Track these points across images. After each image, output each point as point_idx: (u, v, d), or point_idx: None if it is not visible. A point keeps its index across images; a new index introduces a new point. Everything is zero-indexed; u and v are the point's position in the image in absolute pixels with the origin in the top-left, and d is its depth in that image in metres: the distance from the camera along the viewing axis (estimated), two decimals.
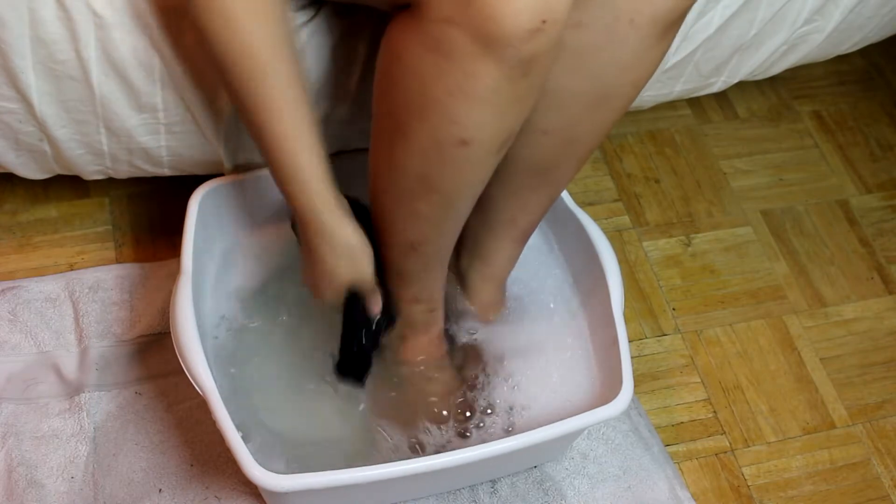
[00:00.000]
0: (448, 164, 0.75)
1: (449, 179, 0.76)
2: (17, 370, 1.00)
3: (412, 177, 0.77)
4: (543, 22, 0.65)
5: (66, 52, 0.86)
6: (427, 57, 0.68)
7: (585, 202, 1.23)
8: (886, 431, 1.10)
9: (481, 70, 0.67)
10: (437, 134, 0.72)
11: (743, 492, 1.03)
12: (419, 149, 0.74)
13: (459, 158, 0.74)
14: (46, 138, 0.94)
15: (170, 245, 1.11)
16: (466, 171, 0.76)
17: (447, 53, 0.67)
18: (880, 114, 1.40)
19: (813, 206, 1.29)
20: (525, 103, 0.72)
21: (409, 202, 0.80)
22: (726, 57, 1.13)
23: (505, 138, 0.74)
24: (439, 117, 0.71)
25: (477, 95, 0.69)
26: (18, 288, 1.06)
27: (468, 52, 0.66)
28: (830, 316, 1.18)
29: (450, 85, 0.69)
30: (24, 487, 0.93)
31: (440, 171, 0.76)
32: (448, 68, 0.68)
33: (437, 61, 0.68)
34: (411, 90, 0.71)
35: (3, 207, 1.14)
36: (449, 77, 0.68)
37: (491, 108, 0.70)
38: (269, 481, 0.80)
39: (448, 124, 0.71)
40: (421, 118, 0.72)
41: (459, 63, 0.67)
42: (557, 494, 0.99)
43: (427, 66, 0.69)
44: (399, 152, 0.76)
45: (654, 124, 1.34)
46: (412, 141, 0.74)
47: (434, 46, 0.67)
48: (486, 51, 0.66)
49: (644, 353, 1.12)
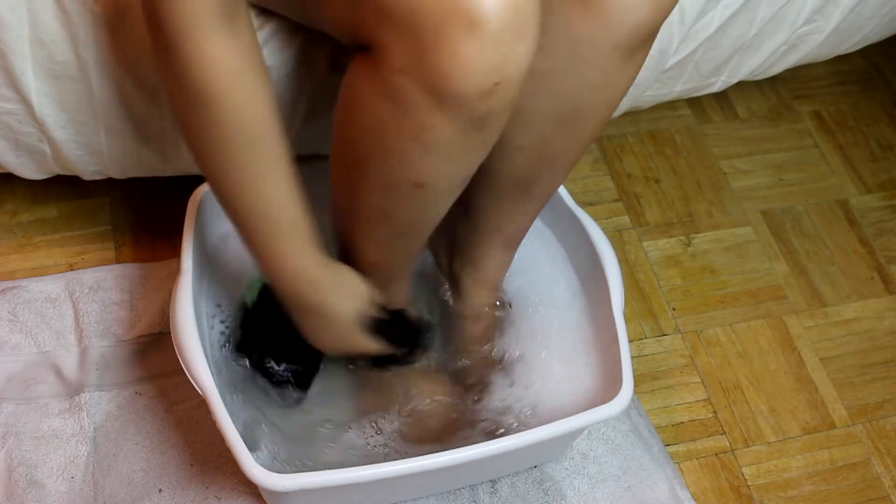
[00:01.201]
0: (404, 202, 0.76)
1: (406, 214, 0.78)
2: (17, 370, 1.00)
3: (369, 208, 0.78)
4: (496, 84, 0.65)
5: (65, 52, 0.86)
6: (384, 104, 0.68)
7: (585, 202, 1.23)
8: (886, 431, 1.10)
9: (435, 123, 0.67)
10: (392, 175, 0.73)
11: (743, 492, 1.03)
12: (377, 186, 0.75)
13: (414, 198, 0.75)
14: (46, 139, 0.94)
15: (170, 245, 1.11)
16: (423, 209, 0.77)
17: (402, 104, 0.67)
18: (880, 114, 1.40)
19: (813, 206, 1.29)
20: (480, 151, 0.73)
21: (367, 227, 0.81)
22: (726, 57, 1.13)
23: (461, 181, 0.75)
24: (394, 161, 0.72)
25: (431, 146, 0.69)
26: (18, 288, 1.06)
27: (422, 105, 0.66)
28: (830, 316, 1.18)
29: (405, 132, 0.69)
30: (24, 487, 0.93)
31: (397, 207, 0.77)
32: (403, 118, 0.68)
33: (393, 110, 0.68)
34: (369, 132, 0.72)
35: (3, 207, 1.14)
36: (404, 126, 0.68)
37: (444, 157, 0.70)
38: (268, 481, 0.79)
39: (403, 168, 0.72)
40: (376, 159, 0.73)
41: (414, 114, 0.67)
42: (557, 494, 0.99)
43: (383, 112, 0.69)
44: (358, 184, 0.77)
45: (654, 124, 1.34)
46: (370, 178, 0.75)
47: (390, 95, 0.67)
48: (440, 106, 0.66)
49: (644, 353, 1.12)
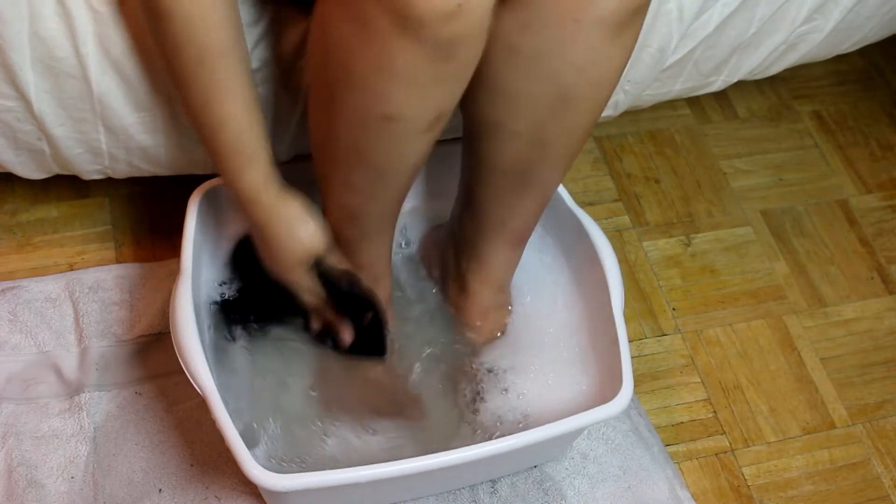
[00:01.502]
0: (375, 138, 0.75)
1: (378, 153, 0.77)
2: (17, 370, 1.00)
3: (344, 147, 0.78)
4: (458, 6, 0.65)
5: (64, 48, 0.86)
6: (350, 30, 0.69)
7: (585, 202, 1.23)
8: (886, 431, 1.10)
9: (400, 48, 0.67)
10: (362, 107, 0.73)
11: (743, 492, 1.03)
12: (347, 121, 0.75)
13: (386, 133, 0.74)
14: (45, 137, 0.94)
15: (170, 245, 1.11)
16: (394, 145, 0.76)
17: (368, 29, 0.67)
18: (880, 114, 1.40)
19: (813, 206, 1.29)
20: (452, 85, 0.72)
21: (343, 172, 0.81)
22: (725, 56, 1.13)
23: (433, 117, 0.74)
24: (363, 91, 0.71)
25: (398, 73, 0.69)
26: (18, 288, 1.06)
27: (388, 30, 0.66)
28: (830, 316, 1.18)
29: (372, 59, 0.69)
30: (24, 487, 0.93)
31: (368, 145, 0.76)
32: (369, 43, 0.68)
33: (360, 36, 0.68)
34: (338, 63, 0.72)
35: (3, 207, 1.14)
36: (370, 52, 0.68)
37: (413, 86, 0.70)
38: (268, 481, 0.80)
39: (372, 99, 0.72)
40: (347, 91, 0.73)
41: (379, 38, 0.67)
42: (557, 494, 0.99)
43: (351, 39, 0.69)
44: (331, 123, 0.77)
45: (653, 124, 1.34)
46: (341, 112, 0.75)
47: (356, 21, 0.68)
48: (403, 30, 0.66)
49: (644, 353, 1.12)
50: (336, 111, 0.76)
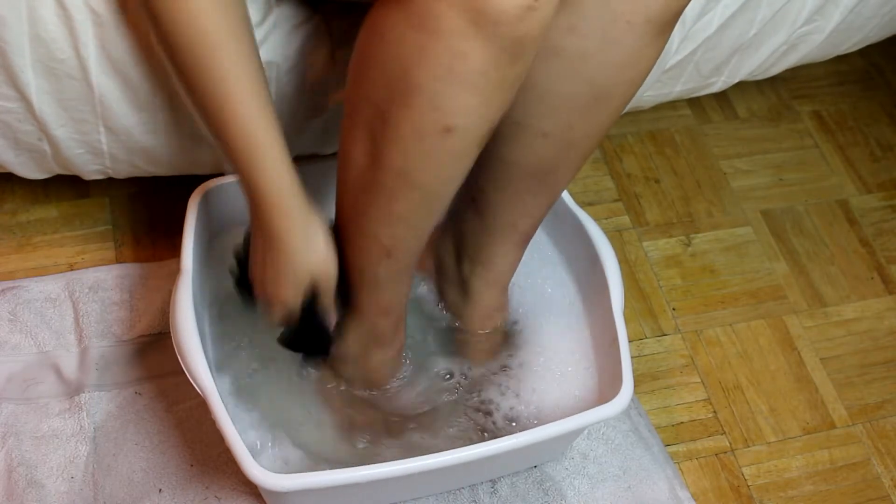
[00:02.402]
0: (430, 155, 0.72)
1: (430, 173, 0.74)
2: (17, 370, 1.00)
3: (391, 173, 0.74)
4: (535, 1, 0.64)
5: (64, 50, 0.86)
6: (412, 36, 0.66)
7: (585, 202, 1.23)
8: (886, 431, 1.10)
9: (470, 50, 0.65)
10: (419, 121, 0.70)
11: (743, 492, 1.03)
12: (400, 140, 0.72)
13: (442, 149, 0.71)
14: (45, 137, 0.94)
15: (170, 245, 1.11)
16: (448, 163, 0.73)
17: (434, 32, 0.65)
18: (880, 114, 1.40)
19: (813, 206, 1.29)
20: (509, 91, 0.70)
21: (386, 203, 0.77)
22: (726, 57, 1.13)
23: (488, 128, 0.72)
24: (422, 103, 0.68)
25: (464, 79, 0.66)
26: (18, 288, 1.06)
27: (457, 30, 0.64)
28: (830, 316, 1.18)
29: (435, 67, 0.66)
30: (24, 487, 0.93)
31: (421, 165, 0.73)
32: (434, 49, 0.65)
33: (423, 41, 0.66)
34: (393, 73, 0.69)
35: (3, 207, 1.14)
36: (434, 59, 0.66)
37: (477, 93, 0.68)
38: (268, 481, 0.80)
39: (432, 110, 0.69)
40: (402, 104, 0.69)
41: (447, 42, 0.65)
42: (557, 494, 0.99)
43: (411, 46, 0.66)
44: (377, 145, 0.74)
45: (654, 124, 1.34)
46: (392, 131, 0.71)
47: (420, 24, 0.65)
48: (477, 29, 0.64)
49: (644, 353, 1.12)
50: (385, 131, 0.72)
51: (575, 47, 0.77)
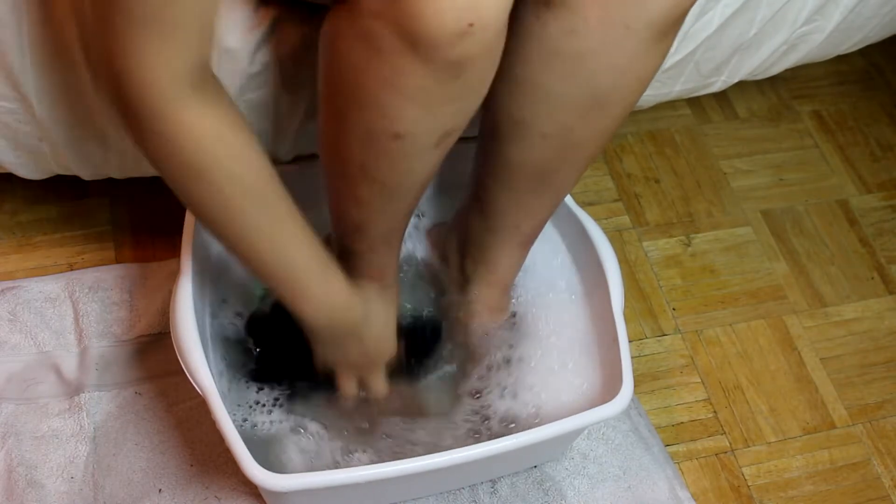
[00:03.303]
0: (384, 155, 0.74)
1: (386, 170, 0.76)
2: (17, 370, 1.00)
3: (352, 164, 0.77)
4: (470, 25, 0.64)
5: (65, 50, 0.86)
6: (359, 48, 0.68)
7: (585, 202, 1.23)
8: (886, 431, 1.10)
9: (408, 67, 0.66)
10: (371, 126, 0.72)
11: (743, 492, 1.03)
12: (356, 138, 0.74)
13: (394, 151, 0.73)
14: (45, 138, 0.94)
15: (170, 245, 1.11)
16: (402, 162, 0.75)
17: (377, 48, 0.66)
18: (880, 114, 1.40)
19: (813, 206, 1.29)
20: (462, 103, 0.71)
21: (350, 187, 0.80)
22: (726, 56, 1.13)
23: (441, 135, 0.73)
24: (372, 109, 0.71)
25: (406, 92, 0.68)
26: (18, 288, 1.06)
27: (395, 48, 0.65)
28: (830, 316, 1.18)
29: (380, 78, 0.68)
30: (24, 487, 0.93)
31: (377, 162, 0.75)
32: (378, 62, 0.67)
33: (369, 54, 0.67)
34: (347, 80, 0.71)
35: (3, 207, 1.14)
36: (379, 71, 0.67)
37: (422, 105, 0.69)
38: (268, 481, 0.79)
39: (381, 117, 0.71)
40: (356, 109, 0.72)
41: (388, 58, 0.66)
42: (557, 494, 0.99)
43: (359, 57, 0.68)
44: (340, 139, 0.77)
45: (654, 124, 1.34)
46: (350, 130, 0.74)
47: (365, 39, 0.67)
48: (412, 49, 0.65)
49: (644, 353, 1.12)
50: (344, 127, 0.75)
51: (574, 49, 0.77)
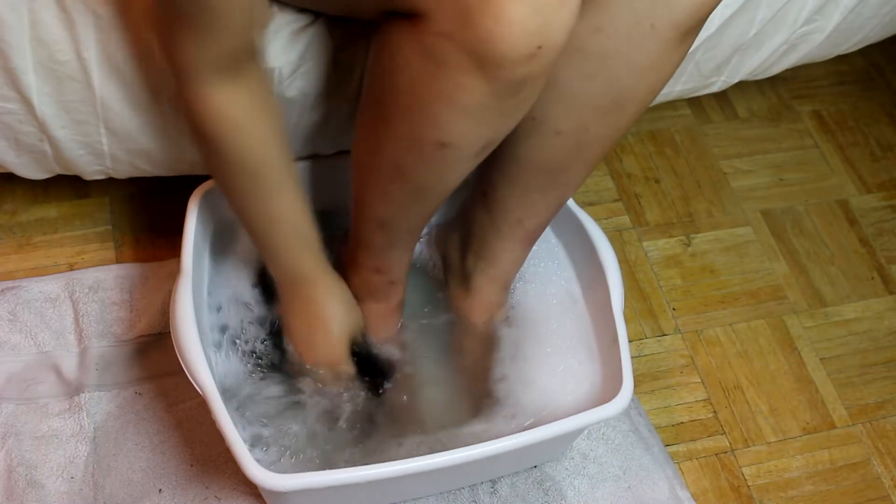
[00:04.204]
0: (424, 160, 0.76)
1: (423, 174, 0.78)
2: (17, 370, 1.00)
3: (388, 164, 0.79)
4: (539, 48, 0.66)
5: (66, 52, 0.86)
6: (420, 61, 0.69)
7: (585, 202, 1.23)
8: (886, 431, 1.10)
9: (471, 84, 0.68)
10: (417, 132, 0.73)
11: (743, 492, 1.03)
12: (398, 141, 0.76)
13: (436, 158, 0.75)
14: (47, 139, 0.94)
15: (170, 245, 1.11)
16: (441, 169, 0.77)
17: (440, 64, 0.68)
18: (880, 114, 1.40)
19: (813, 206, 1.29)
20: (510, 118, 0.73)
21: (382, 184, 0.82)
22: (726, 56, 1.13)
23: (484, 145, 0.75)
24: (422, 118, 0.72)
25: (463, 106, 0.69)
26: (18, 288, 1.06)
27: (461, 66, 0.67)
28: (830, 316, 1.18)
29: (438, 91, 0.69)
30: (24, 487, 0.93)
31: (415, 165, 0.77)
32: (439, 75, 0.68)
33: (430, 67, 0.69)
34: (400, 87, 0.73)
35: (3, 207, 1.14)
36: (438, 83, 0.69)
37: (475, 119, 0.71)
38: (268, 481, 0.80)
39: (430, 126, 0.72)
40: (404, 114, 0.73)
41: (451, 73, 0.68)
42: (557, 494, 0.99)
43: (419, 69, 0.70)
44: (380, 140, 0.78)
45: (654, 124, 1.34)
46: (393, 133, 0.76)
47: (428, 54, 0.68)
48: (479, 68, 0.66)
49: (644, 353, 1.12)
50: (387, 131, 0.77)
51: (599, 48, 0.78)
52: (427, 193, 0.81)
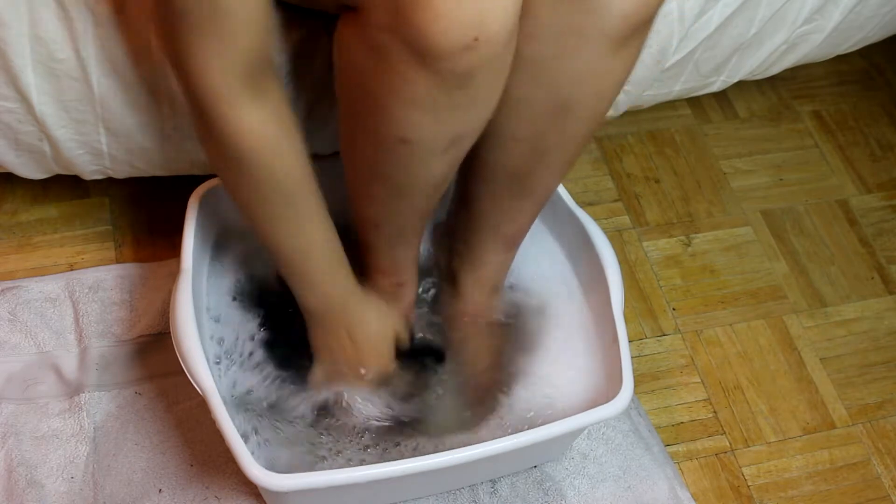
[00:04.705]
0: (392, 157, 0.76)
1: (396, 172, 0.78)
2: (17, 370, 1.00)
3: (365, 164, 0.80)
4: (476, 39, 0.66)
5: (65, 50, 0.86)
6: (368, 57, 0.70)
7: (585, 202, 1.23)
8: (886, 431, 1.10)
9: (414, 77, 0.68)
10: (380, 129, 0.74)
11: (743, 492, 1.03)
12: (368, 140, 0.77)
13: (401, 154, 0.75)
14: (46, 138, 0.94)
15: (170, 245, 1.11)
16: (411, 166, 0.77)
17: (384, 57, 0.68)
18: (880, 114, 1.40)
19: (813, 206, 1.29)
20: (468, 112, 0.73)
21: (365, 184, 0.83)
22: (726, 56, 1.13)
23: (449, 140, 0.75)
24: (380, 114, 0.73)
25: (412, 100, 0.70)
26: (18, 288, 1.06)
27: (403, 59, 0.67)
28: (830, 316, 1.18)
29: (387, 85, 0.70)
30: (24, 487, 0.93)
31: (385, 163, 0.78)
32: (385, 70, 0.69)
33: (377, 62, 0.69)
34: (357, 86, 0.74)
35: (3, 207, 1.14)
36: (386, 78, 0.70)
37: (427, 113, 0.71)
38: (269, 481, 0.80)
39: (388, 122, 0.73)
40: (366, 112, 0.74)
41: (395, 66, 0.68)
42: (557, 494, 0.99)
43: (368, 65, 0.70)
44: (355, 139, 0.79)
45: (654, 124, 1.34)
46: (362, 131, 0.77)
47: (373, 49, 0.69)
48: (419, 60, 0.67)
49: (644, 353, 1.12)
50: (357, 128, 0.77)
51: (534, 54, 0.78)
52: (407, 191, 0.81)
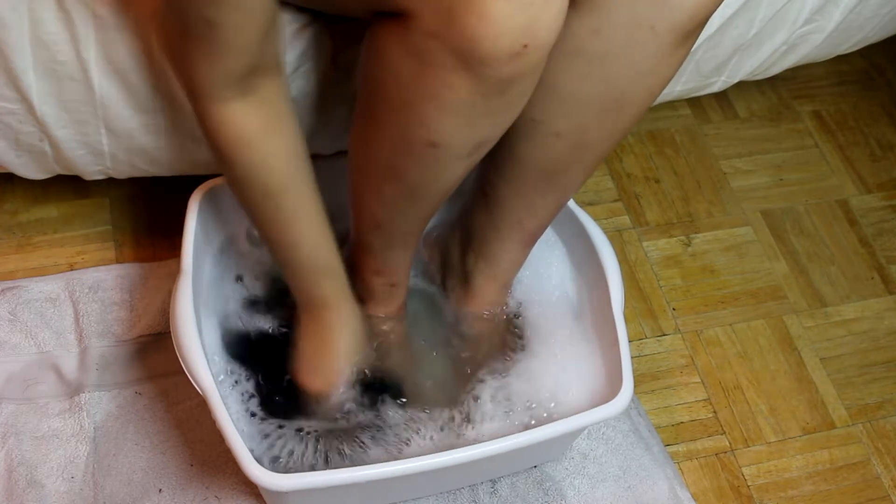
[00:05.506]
0: (415, 160, 0.76)
1: (415, 174, 0.78)
2: (17, 370, 1.00)
3: (382, 164, 0.79)
4: (525, 46, 0.66)
5: (66, 52, 0.86)
6: (407, 60, 0.69)
7: (585, 202, 1.23)
8: (886, 431, 1.10)
9: (457, 83, 0.68)
10: (407, 132, 0.74)
11: (743, 492, 1.03)
12: (390, 141, 0.76)
13: (426, 158, 0.75)
14: (47, 139, 0.94)
15: (170, 245, 1.11)
16: (433, 169, 0.77)
17: (426, 63, 0.68)
18: (880, 114, 1.40)
19: (813, 206, 1.29)
20: (500, 118, 0.73)
21: (376, 184, 0.82)
22: (726, 56, 1.13)
23: (475, 145, 0.75)
24: (411, 117, 0.72)
25: (450, 105, 0.70)
26: (18, 288, 1.06)
27: (447, 64, 0.67)
28: (830, 316, 1.18)
29: (425, 90, 0.70)
30: (24, 487, 0.93)
31: (407, 166, 0.77)
32: (426, 74, 0.69)
33: (417, 66, 0.69)
34: (389, 87, 0.73)
35: (3, 207, 1.14)
36: (426, 83, 0.69)
37: (463, 118, 0.71)
38: (269, 481, 0.80)
39: (418, 126, 0.72)
40: (394, 114, 0.74)
41: (437, 72, 0.68)
42: (557, 494, 0.99)
43: (406, 68, 0.70)
44: (372, 139, 0.79)
45: (654, 124, 1.34)
46: (384, 133, 0.76)
47: (415, 53, 0.68)
48: (465, 67, 0.67)
49: (644, 353, 1.12)
50: (378, 130, 0.77)
51: (597, 49, 0.78)
52: (421, 194, 0.81)
